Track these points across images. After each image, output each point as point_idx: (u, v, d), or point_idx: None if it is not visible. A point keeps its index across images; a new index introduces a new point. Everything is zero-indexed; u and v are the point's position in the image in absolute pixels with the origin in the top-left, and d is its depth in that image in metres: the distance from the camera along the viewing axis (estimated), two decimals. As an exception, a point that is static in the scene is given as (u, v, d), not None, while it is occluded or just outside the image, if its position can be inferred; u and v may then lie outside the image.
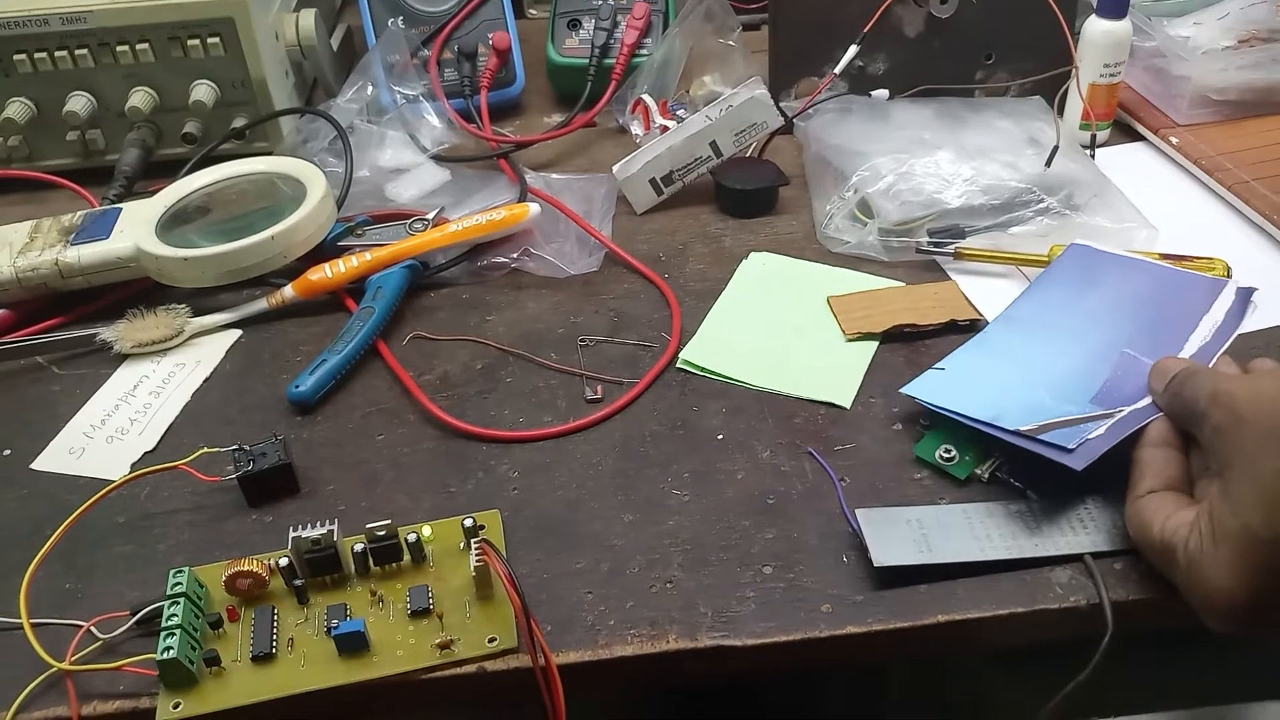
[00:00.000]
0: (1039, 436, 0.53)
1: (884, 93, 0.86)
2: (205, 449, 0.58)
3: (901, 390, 0.60)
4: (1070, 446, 0.52)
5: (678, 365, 0.66)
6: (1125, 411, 0.54)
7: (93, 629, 0.51)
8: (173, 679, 0.48)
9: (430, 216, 0.76)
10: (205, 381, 0.67)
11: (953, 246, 0.71)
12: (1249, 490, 0.43)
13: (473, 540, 0.51)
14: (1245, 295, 0.60)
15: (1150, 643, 0.53)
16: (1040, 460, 0.54)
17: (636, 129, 0.87)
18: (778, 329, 0.69)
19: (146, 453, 0.62)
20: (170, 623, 0.48)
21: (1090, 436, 0.53)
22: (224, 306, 0.72)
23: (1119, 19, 0.80)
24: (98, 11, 0.80)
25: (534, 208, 0.75)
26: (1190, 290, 0.62)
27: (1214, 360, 0.57)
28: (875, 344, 0.66)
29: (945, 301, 0.69)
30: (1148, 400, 0.54)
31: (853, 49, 0.85)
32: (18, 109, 0.84)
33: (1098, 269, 0.65)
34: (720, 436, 0.61)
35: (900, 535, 0.53)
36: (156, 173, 0.84)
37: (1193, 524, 0.46)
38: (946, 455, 0.57)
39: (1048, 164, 0.75)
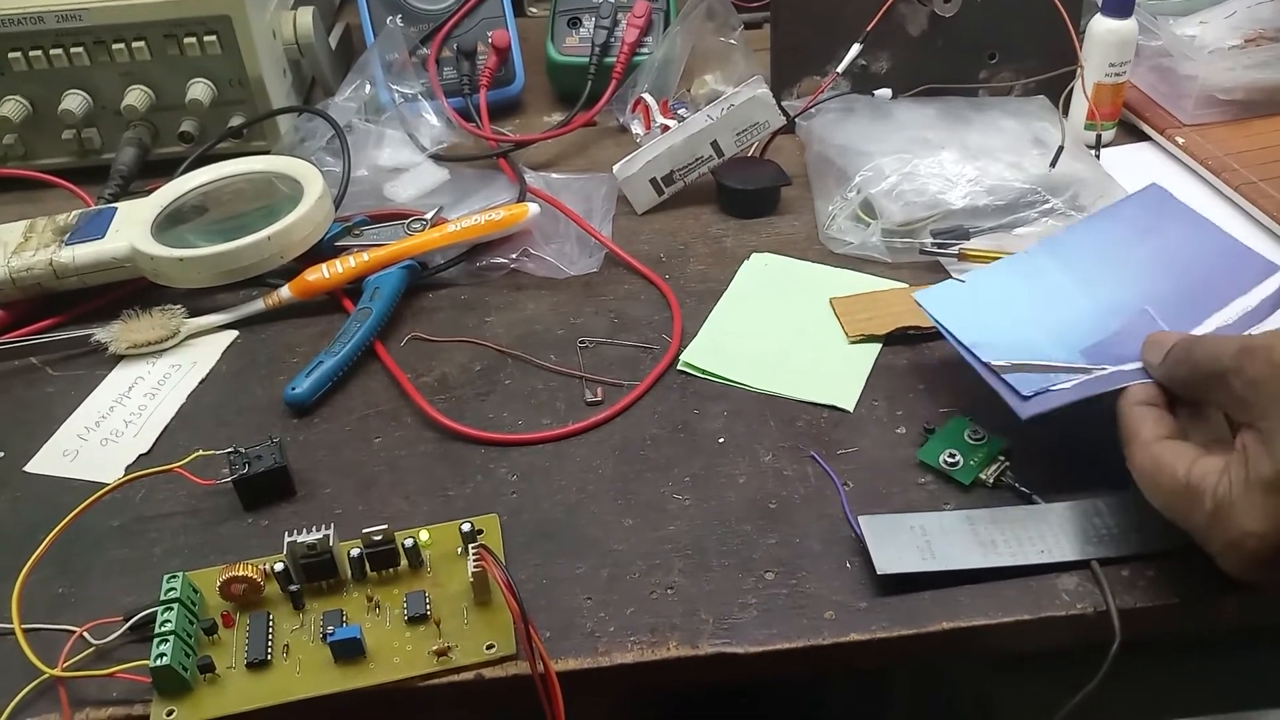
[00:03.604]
0: (1003, 375, 0.53)
1: (887, 92, 0.86)
2: (200, 452, 0.57)
3: (913, 294, 0.60)
4: (1026, 394, 0.52)
5: (678, 367, 0.65)
6: (1107, 371, 0.53)
7: (86, 634, 0.50)
8: (166, 686, 0.47)
9: (429, 216, 0.75)
10: (201, 383, 0.67)
11: (957, 248, 0.70)
12: None
13: (471, 545, 0.50)
14: None
15: (1158, 649, 0.53)
16: (1046, 465, 0.54)
17: (637, 128, 0.86)
18: (780, 330, 0.68)
19: (141, 455, 0.62)
20: (164, 629, 0.48)
21: (1052, 388, 0.53)
22: (220, 307, 0.71)
23: (1124, 18, 0.79)
24: (93, 9, 0.80)
25: (533, 208, 0.74)
26: (1240, 266, 0.59)
27: None
28: (878, 346, 0.66)
29: (949, 303, 0.68)
30: (1136, 365, 0.53)
31: (855, 48, 0.84)
32: (13, 107, 0.83)
33: (1164, 217, 0.63)
34: (721, 440, 0.60)
35: (903, 542, 0.52)
36: (153, 172, 0.84)
37: (1222, 470, 0.45)
38: (950, 460, 0.56)
39: (1053, 164, 0.74)
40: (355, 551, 0.52)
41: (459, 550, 0.53)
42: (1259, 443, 0.44)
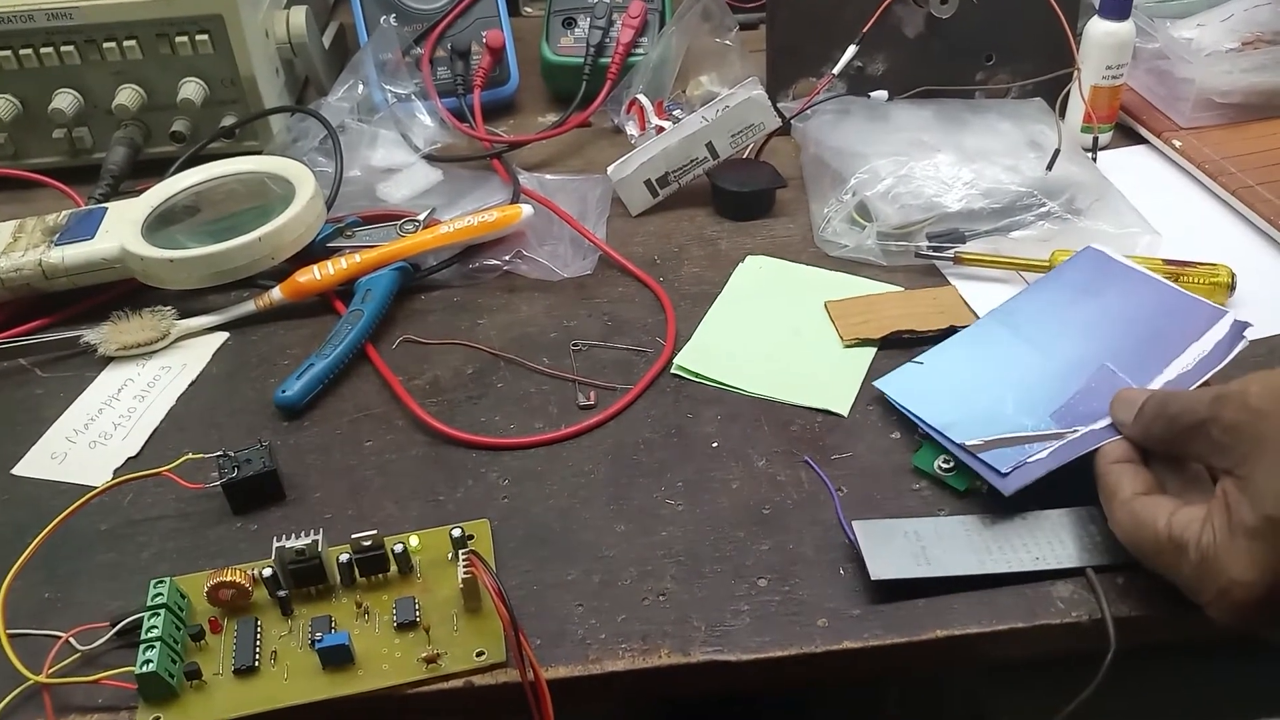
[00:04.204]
0: (979, 454, 0.54)
1: (883, 94, 0.85)
2: (190, 455, 0.57)
3: (874, 383, 0.61)
4: (1004, 471, 0.53)
5: (672, 371, 0.65)
6: (1080, 433, 0.54)
7: (72, 640, 0.50)
8: (152, 692, 0.47)
9: (421, 217, 0.74)
10: (191, 385, 0.66)
11: (952, 251, 0.70)
12: (1274, 480, 0.43)
13: (461, 551, 0.50)
14: (1239, 329, 0.59)
15: (1153, 656, 0.52)
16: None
17: (632, 129, 0.86)
18: (774, 334, 0.67)
19: (130, 458, 0.61)
20: (150, 635, 0.47)
21: (1029, 460, 0.53)
22: (211, 308, 0.71)
23: (1122, 20, 0.79)
24: (84, 8, 0.79)
25: (527, 209, 0.74)
26: (1188, 315, 0.60)
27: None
28: (873, 350, 0.65)
29: (944, 307, 0.68)
30: (1106, 422, 0.54)
31: (851, 49, 0.84)
32: (3, 106, 0.83)
33: (1105, 277, 0.64)
34: (715, 444, 0.60)
35: (898, 547, 0.52)
36: (144, 172, 0.83)
37: (1204, 519, 0.45)
38: (945, 466, 0.56)
39: (1049, 167, 0.73)
40: (344, 557, 0.51)
41: (449, 556, 0.53)
42: (1239, 489, 0.44)
